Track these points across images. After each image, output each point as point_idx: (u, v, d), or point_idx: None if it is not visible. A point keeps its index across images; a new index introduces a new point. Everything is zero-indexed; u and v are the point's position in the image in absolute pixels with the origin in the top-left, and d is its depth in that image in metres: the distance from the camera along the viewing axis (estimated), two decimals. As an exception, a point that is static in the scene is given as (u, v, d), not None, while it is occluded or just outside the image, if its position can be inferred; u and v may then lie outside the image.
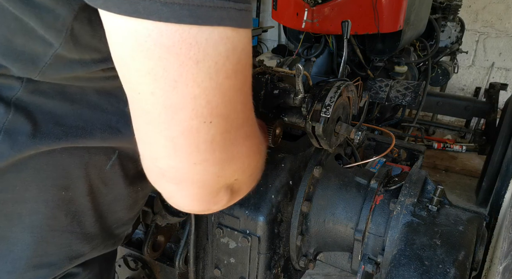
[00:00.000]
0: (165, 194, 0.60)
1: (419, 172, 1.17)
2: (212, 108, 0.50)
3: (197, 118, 0.49)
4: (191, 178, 0.55)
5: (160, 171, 0.55)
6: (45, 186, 0.63)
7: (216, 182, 0.57)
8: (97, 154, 0.67)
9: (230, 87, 0.50)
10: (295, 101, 1.04)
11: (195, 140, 0.51)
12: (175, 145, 0.51)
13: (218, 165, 0.55)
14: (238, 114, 0.54)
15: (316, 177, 1.21)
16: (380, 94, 2.00)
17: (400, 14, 1.83)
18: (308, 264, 1.28)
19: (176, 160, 0.52)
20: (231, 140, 0.55)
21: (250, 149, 0.60)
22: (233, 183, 0.61)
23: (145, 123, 0.51)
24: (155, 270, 1.28)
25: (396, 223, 1.06)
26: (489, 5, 4.44)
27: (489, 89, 3.08)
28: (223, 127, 0.52)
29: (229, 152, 0.55)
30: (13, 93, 0.56)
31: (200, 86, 0.47)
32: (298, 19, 1.92)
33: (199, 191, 0.57)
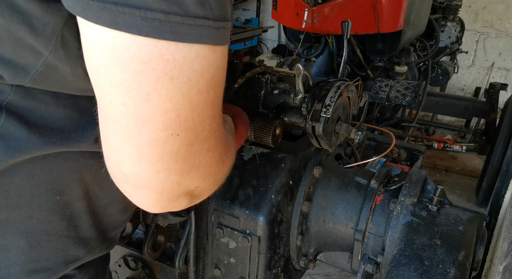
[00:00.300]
0: (126, 195, 0.61)
1: (419, 172, 1.17)
2: (181, 122, 0.51)
3: (165, 130, 0.50)
4: (152, 185, 0.56)
5: (123, 175, 0.56)
6: (40, 190, 0.62)
7: (176, 189, 0.58)
8: (91, 158, 0.67)
9: (201, 102, 0.52)
10: (295, 101, 1.04)
11: (161, 151, 0.52)
12: (140, 154, 0.52)
13: (180, 174, 0.56)
14: (205, 127, 0.55)
15: (316, 177, 1.21)
16: (380, 94, 2.00)
17: (400, 14, 1.83)
18: (308, 264, 1.28)
19: (140, 168, 0.54)
20: (195, 152, 0.56)
21: (213, 159, 0.61)
22: (193, 189, 0.62)
23: (113, 130, 0.52)
24: (155, 270, 1.28)
25: (396, 223, 1.06)
26: (489, 5, 4.44)
27: (489, 89, 3.08)
28: (189, 139, 0.53)
29: (191, 163, 0.57)
30: (3, 98, 0.55)
31: (172, 101, 0.48)
32: (298, 19, 1.92)
33: (159, 197, 0.58)
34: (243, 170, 1.16)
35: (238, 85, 1.08)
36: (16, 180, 0.60)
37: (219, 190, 1.16)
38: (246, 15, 5.72)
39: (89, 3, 0.43)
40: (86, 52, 0.48)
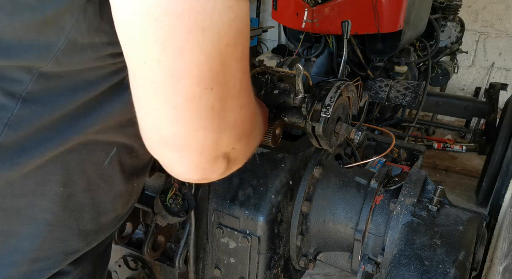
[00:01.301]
0: (166, 162, 0.61)
1: (419, 172, 1.17)
2: (213, 75, 0.52)
3: (200, 85, 0.51)
4: (192, 145, 0.57)
5: (162, 139, 0.57)
6: (43, 180, 0.63)
7: (215, 149, 0.59)
8: (95, 151, 0.67)
9: (231, 55, 0.53)
10: (295, 101, 1.04)
11: (197, 107, 0.53)
12: (178, 112, 0.53)
13: (217, 131, 0.57)
14: (236, 82, 0.56)
15: (316, 177, 1.21)
16: (380, 94, 2.00)
17: (400, 14, 1.83)
18: (308, 264, 1.28)
19: (179, 127, 0.54)
20: (229, 108, 0.57)
21: (246, 117, 0.62)
22: (230, 151, 0.63)
23: (149, 92, 0.53)
24: (155, 270, 1.28)
25: (396, 223, 1.06)
26: (489, 5, 4.44)
27: (489, 89, 3.08)
28: (222, 94, 0.54)
29: (227, 120, 0.58)
30: (23, 87, 0.56)
31: (205, 53, 0.49)
32: (298, 19, 1.92)
33: (198, 158, 0.59)
34: (243, 170, 1.16)
35: (238, 85, 1.08)
36: (23, 170, 0.60)
37: (219, 190, 1.16)
38: (246, 15, 5.71)
39: None
40: (117, 15, 0.49)
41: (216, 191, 1.16)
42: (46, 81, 0.56)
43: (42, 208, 0.65)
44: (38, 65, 0.54)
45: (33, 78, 0.55)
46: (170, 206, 1.08)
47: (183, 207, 1.11)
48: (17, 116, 0.56)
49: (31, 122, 0.57)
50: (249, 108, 0.63)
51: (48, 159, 0.61)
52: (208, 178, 0.65)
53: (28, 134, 0.58)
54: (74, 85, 0.59)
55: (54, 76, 0.57)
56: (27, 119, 0.57)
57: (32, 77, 0.55)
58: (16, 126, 0.56)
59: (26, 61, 0.54)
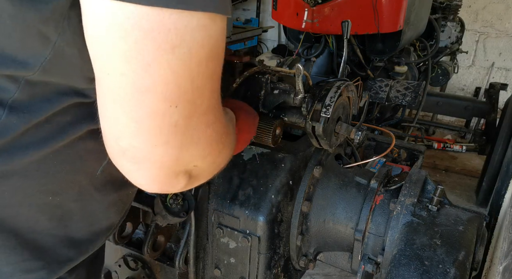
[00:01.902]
0: (124, 171, 0.60)
1: (419, 172, 1.17)
2: (181, 93, 0.51)
3: (164, 102, 0.50)
4: (151, 159, 0.55)
5: (121, 149, 0.56)
6: (32, 191, 0.62)
7: (175, 165, 0.58)
8: (88, 160, 0.66)
9: (201, 73, 0.51)
10: (295, 101, 1.04)
11: (159, 123, 0.52)
12: (139, 126, 0.52)
13: (178, 149, 0.56)
14: (203, 100, 0.55)
15: (316, 177, 1.21)
16: (380, 94, 2.00)
17: (400, 14, 1.83)
18: (308, 264, 1.28)
19: (138, 141, 0.53)
20: (193, 126, 0.56)
21: (212, 137, 0.61)
22: (192, 168, 0.62)
23: (111, 102, 0.51)
24: (155, 270, 1.28)
25: (396, 223, 1.06)
26: (489, 5, 4.44)
27: (489, 89, 3.08)
28: (188, 112, 0.53)
29: (190, 137, 0.56)
30: (9, 96, 0.55)
31: (172, 71, 0.48)
32: (298, 19, 1.92)
33: (157, 172, 0.58)
34: (243, 170, 1.16)
35: (236, 85, 1.08)
36: (11, 181, 0.59)
37: (219, 190, 1.16)
38: (246, 15, 5.72)
39: None
40: (86, 22, 0.48)
41: (216, 191, 1.16)
42: (33, 88, 0.56)
43: (26, 217, 0.63)
44: (25, 74, 0.54)
45: (19, 86, 0.54)
46: (170, 206, 1.08)
47: (183, 207, 1.11)
48: (4, 124, 0.55)
49: (18, 129, 0.56)
50: (216, 127, 0.61)
51: (36, 168, 0.60)
52: (167, 191, 0.64)
53: (15, 141, 0.57)
54: (62, 90, 0.58)
55: (41, 83, 0.56)
56: (15, 126, 0.56)
57: (19, 86, 0.54)
58: (3, 133, 0.55)
59: (11, 71, 0.53)
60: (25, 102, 0.56)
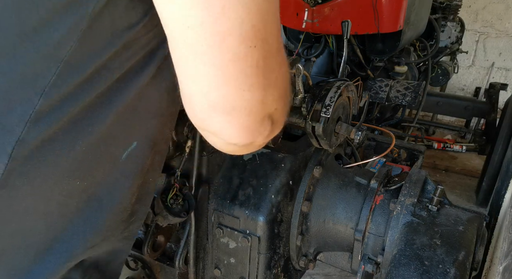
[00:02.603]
0: (215, 129, 0.62)
1: (419, 172, 1.17)
2: (256, 32, 0.53)
3: (244, 43, 0.53)
4: (241, 106, 0.58)
5: (210, 104, 0.58)
6: (62, 177, 0.62)
7: (262, 109, 0.61)
8: (111, 145, 0.67)
9: (268, 10, 0.54)
10: (295, 101, 1.04)
11: (243, 66, 0.54)
12: (225, 73, 0.54)
13: (262, 90, 0.59)
14: (274, 39, 0.57)
15: (316, 177, 1.21)
16: (380, 94, 2.00)
17: (400, 14, 1.83)
18: (308, 264, 1.28)
19: (227, 88, 0.56)
20: (271, 66, 0.58)
21: (284, 76, 0.64)
22: (273, 112, 0.64)
23: (194, 58, 0.54)
24: (155, 270, 1.28)
25: (396, 223, 1.06)
26: (489, 5, 4.44)
27: (489, 89, 3.08)
28: (265, 51, 0.56)
29: (270, 78, 0.59)
30: (46, 82, 0.55)
31: (246, 10, 0.51)
32: (298, 19, 1.92)
33: (247, 119, 0.60)
34: (243, 170, 1.16)
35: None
36: (43, 168, 0.60)
37: (219, 190, 1.16)
38: (246, 15, 5.72)
39: None
40: None
41: (216, 191, 1.16)
42: (69, 74, 0.56)
43: (58, 201, 0.64)
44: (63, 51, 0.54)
45: (56, 70, 0.55)
46: (171, 206, 1.08)
47: (184, 207, 1.11)
48: (38, 112, 0.55)
49: (50, 118, 0.57)
50: (286, 66, 0.64)
51: (67, 154, 0.61)
52: (255, 141, 0.66)
53: (49, 130, 0.57)
54: (92, 74, 0.59)
55: (76, 65, 0.57)
56: (47, 115, 0.57)
57: (56, 69, 0.55)
58: (37, 122, 0.56)
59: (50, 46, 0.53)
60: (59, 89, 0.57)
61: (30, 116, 0.55)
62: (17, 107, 0.55)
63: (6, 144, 0.55)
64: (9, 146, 0.55)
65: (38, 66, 0.54)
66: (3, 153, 0.55)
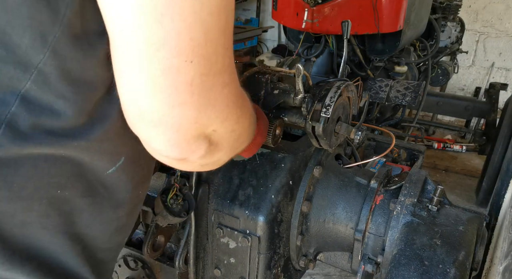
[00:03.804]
0: (144, 138, 0.60)
1: (419, 172, 1.17)
2: (194, 46, 0.51)
3: (178, 56, 0.50)
4: (169, 121, 0.55)
5: (139, 113, 0.56)
6: (42, 183, 0.61)
7: (193, 127, 0.58)
8: (101, 161, 0.65)
9: (213, 25, 0.52)
10: (295, 101, 1.04)
11: (175, 80, 0.52)
12: (155, 84, 0.52)
13: (195, 109, 0.56)
14: (218, 57, 0.55)
15: (316, 177, 1.21)
16: (380, 94, 2.00)
17: (400, 14, 1.83)
18: (308, 264, 1.28)
19: (155, 101, 0.53)
20: (209, 85, 0.55)
21: (228, 98, 0.60)
22: (211, 133, 0.62)
23: (127, 61, 0.52)
24: (155, 270, 1.28)
25: (396, 223, 1.06)
26: (489, 5, 4.44)
27: (489, 89, 3.08)
28: (203, 68, 0.53)
29: (206, 98, 0.56)
30: (21, 85, 0.54)
31: (185, 21, 0.49)
32: (298, 19, 1.92)
33: (176, 136, 0.58)
34: (243, 170, 1.16)
35: (238, 85, 1.08)
36: (21, 171, 0.58)
37: (219, 190, 1.16)
38: (246, 15, 5.73)
39: None
40: None
41: (216, 191, 1.16)
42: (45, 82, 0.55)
43: (38, 212, 0.63)
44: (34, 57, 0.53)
45: (31, 76, 0.54)
46: (171, 206, 1.08)
47: (184, 207, 1.11)
48: (14, 114, 0.55)
49: (26, 122, 0.56)
50: (232, 89, 0.61)
51: (44, 159, 0.60)
52: (187, 158, 0.63)
53: (24, 134, 0.56)
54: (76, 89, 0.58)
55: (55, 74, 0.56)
56: (24, 118, 0.56)
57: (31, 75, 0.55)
58: (13, 125, 0.55)
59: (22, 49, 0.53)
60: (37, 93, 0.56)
61: (6, 117, 0.54)
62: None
63: None
64: None
65: (11, 69, 0.54)
66: None
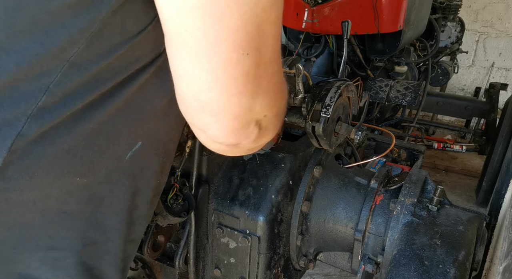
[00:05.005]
0: (202, 126, 0.64)
1: (419, 172, 1.17)
2: (250, 40, 0.54)
3: (237, 50, 0.54)
4: (228, 110, 0.60)
5: (199, 104, 0.60)
6: (62, 173, 0.62)
7: (248, 114, 0.62)
8: (117, 145, 0.66)
9: (265, 19, 0.55)
10: (295, 101, 1.04)
11: (233, 72, 0.56)
12: (215, 77, 0.56)
13: (251, 97, 0.60)
14: (268, 48, 0.58)
15: (316, 177, 1.21)
16: (380, 94, 2.00)
17: (400, 14, 1.83)
18: (308, 264, 1.28)
19: (216, 92, 0.57)
20: (262, 74, 0.59)
21: (276, 86, 0.65)
22: (261, 119, 0.66)
23: (188, 58, 0.55)
24: (155, 270, 1.28)
25: (396, 223, 1.06)
26: (489, 5, 4.44)
27: (489, 89, 3.08)
28: (257, 60, 0.57)
29: (259, 86, 0.60)
30: (50, 79, 0.55)
31: (242, 18, 0.52)
32: (298, 19, 1.92)
33: (233, 123, 0.62)
34: (243, 170, 1.16)
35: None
36: (43, 162, 0.59)
37: (219, 190, 1.16)
38: (246, 15, 5.72)
39: None
40: None
41: (216, 191, 1.16)
42: (75, 73, 0.57)
43: (57, 199, 0.64)
44: (70, 51, 0.54)
45: (62, 69, 0.56)
46: (171, 206, 1.08)
47: (184, 207, 1.11)
48: (40, 108, 0.56)
49: (51, 114, 0.57)
50: (279, 76, 0.65)
51: (67, 149, 0.60)
52: (240, 143, 0.67)
53: (50, 125, 0.57)
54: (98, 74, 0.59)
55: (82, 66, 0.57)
56: (49, 111, 0.57)
57: (62, 68, 0.56)
58: (38, 117, 0.56)
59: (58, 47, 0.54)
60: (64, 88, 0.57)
61: (32, 111, 0.55)
62: (20, 103, 0.55)
63: (6, 138, 0.55)
64: (9, 140, 0.55)
65: (44, 64, 0.55)
66: (3, 146, 0.55)
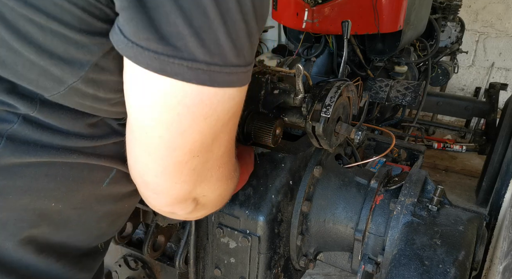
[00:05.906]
0: (143, 195, 0.71)
1: (419, 172, 1.17)
2: (203, 147, 0.60)
3: (189, 154, 0.60)
4: (169, 192, 0.66)
5: (144, 183, 0.66)
6: (39, 196, 0.62)
7: (188, 196, 0.69)
8: (95, 170, 0.68)
9: (222, 131, 0.61)
10: (295, 101, 1.04)
11: (182, 168, 0.62)
12: (164, 170, 0.61)
13: (193, 185, 0.67)
14: (220, 148, 0.64)
15: (316, 177, 1.21)
16: (380, 94, 2.00)
17: (400, 14, 1.83)
18: (308, 264, 1.28)
19: (161, 179, 0.63)
20: (210, 167, 0.66)
21: (223, 174, 0.72)
22: (200, 197, 0.72)
23: (142, 151, 0.60)
24: (155, 270, 1.28)
25: (396, 223, 1.06)
26: (489, 5, 4.44)
27: (489, 89, 3.08)
28: (205, 158, 0.63)
29: (204, 176, 0.67)
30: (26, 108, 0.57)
31: (201, 134, 0.58)
32: (298, 19, 1.92)
33: (171, 201, 0.69)
34: (243, 170, 1.15)
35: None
36: (19, 183, 0.59)
37: (219, 190, 1.16)
38: (246, 15, 5.71)
39: (143, 52, 0.48)
40: (130, 89, 0.55)
41: (216, 191, 1.16)
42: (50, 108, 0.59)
43: (29, 221, 0.64)
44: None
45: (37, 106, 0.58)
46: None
47: (183, 207, 1.10)
48: (16, 131, 0.57)
49: (30, 137, 0.59)
50: (228, 166, 0.72)
51: (46, 172, 0.61)
52: (175, 214, 0.75)
53: (26, 147, 0.58)
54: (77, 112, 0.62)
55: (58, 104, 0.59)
56: (26, 135, 0.58)
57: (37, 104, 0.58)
58: (15, 139, 0.57)
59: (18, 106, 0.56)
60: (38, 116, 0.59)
61: (7, 131, 0.57)
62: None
63: None
64: None
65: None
66: None
